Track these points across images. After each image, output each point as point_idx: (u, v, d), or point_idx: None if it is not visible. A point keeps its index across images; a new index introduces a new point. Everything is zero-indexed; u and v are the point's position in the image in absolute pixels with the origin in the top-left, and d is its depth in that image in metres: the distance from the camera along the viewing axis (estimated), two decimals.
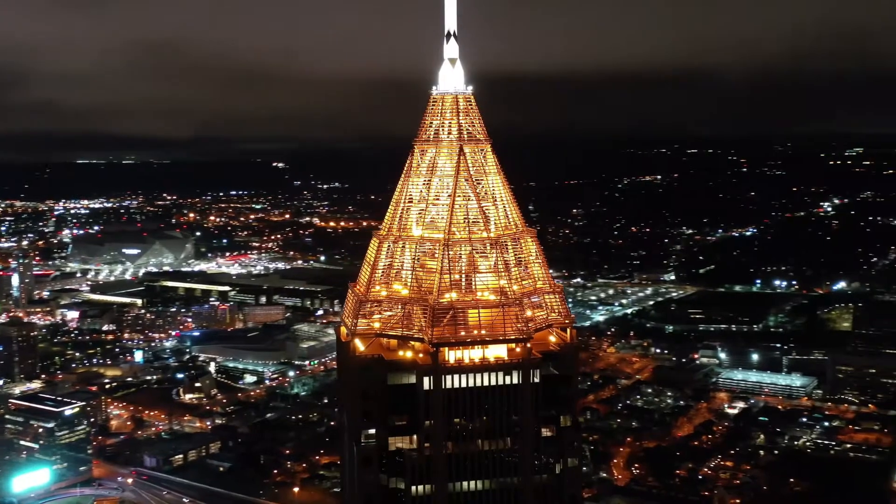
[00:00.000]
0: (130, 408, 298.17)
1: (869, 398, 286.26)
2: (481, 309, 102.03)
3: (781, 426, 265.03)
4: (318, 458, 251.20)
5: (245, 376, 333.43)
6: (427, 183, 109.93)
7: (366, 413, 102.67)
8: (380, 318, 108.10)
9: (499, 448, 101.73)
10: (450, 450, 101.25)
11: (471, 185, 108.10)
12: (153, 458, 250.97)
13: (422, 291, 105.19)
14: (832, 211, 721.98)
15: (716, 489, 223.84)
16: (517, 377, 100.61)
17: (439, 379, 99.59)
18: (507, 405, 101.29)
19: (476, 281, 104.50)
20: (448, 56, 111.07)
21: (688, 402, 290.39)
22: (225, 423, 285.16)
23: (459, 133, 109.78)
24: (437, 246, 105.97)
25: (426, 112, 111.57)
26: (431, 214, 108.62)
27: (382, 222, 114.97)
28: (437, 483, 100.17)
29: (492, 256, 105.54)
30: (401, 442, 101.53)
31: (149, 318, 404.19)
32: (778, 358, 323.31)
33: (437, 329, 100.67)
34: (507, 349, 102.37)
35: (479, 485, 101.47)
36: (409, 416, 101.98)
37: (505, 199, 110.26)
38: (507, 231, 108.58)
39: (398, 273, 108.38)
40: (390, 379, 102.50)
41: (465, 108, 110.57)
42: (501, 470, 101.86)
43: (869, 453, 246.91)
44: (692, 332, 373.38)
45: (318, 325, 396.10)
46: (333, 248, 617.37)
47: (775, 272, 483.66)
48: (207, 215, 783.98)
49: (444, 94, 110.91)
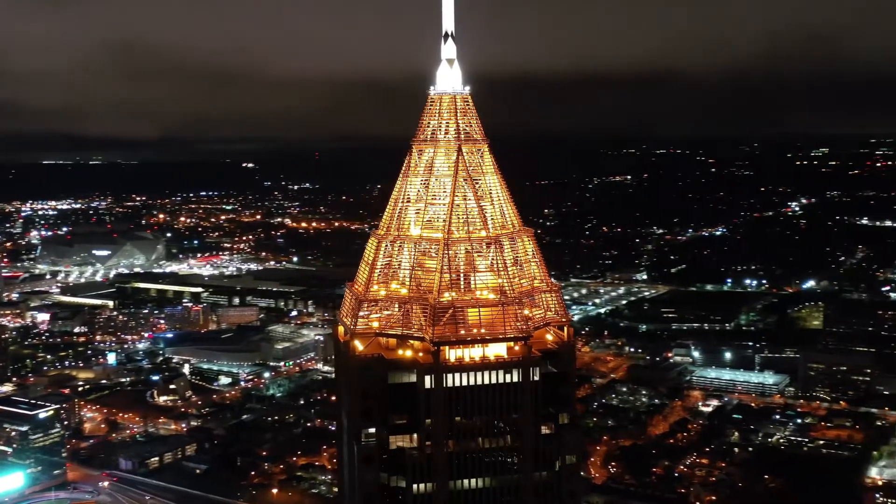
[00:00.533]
0: (104, 410, 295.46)
1: (840, 395, 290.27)
2: (481, 308, 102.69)
3: (755, 424, 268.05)
4: (295, 460, 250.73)
5: (220, 378, 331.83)
6: (425, 182, 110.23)
7: (366, 412, 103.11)
8: (378, 318, 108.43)
9: (499, 446, 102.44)
10: (450, 448, 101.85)
11: (469, 184, 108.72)
12: (128, 461, 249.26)
13: (421, 291, 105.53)
14: (800, 210, 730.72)
15: (692, 486, 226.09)
16: (517, 375, 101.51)
17: (440, 377, 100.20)
18: (508, 403, 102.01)
19: (475, 280, 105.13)
20: (446, 56, 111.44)
21: (662, 400, 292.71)
22: (200, 424, 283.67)
23: (457, 133, 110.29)
24: (436, 245, 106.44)
25: (424, 112, 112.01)
26: (430, 214, 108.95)
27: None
28: (438, 481, 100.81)
29: (490, 255, 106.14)
30: (401, 440, 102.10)
31: (121, 319, 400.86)
32: (750, 356, 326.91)
33: (437, 328, 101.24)
34: (506, 348, 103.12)
35: (480, 482, 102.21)
36: (409, 414, 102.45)
37: (502, 198, 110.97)
38: (505, 230, 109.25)
39: (397, 272, 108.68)
40: (390, 378, 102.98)
41: (462, 108, 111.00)
42: (502, 467, 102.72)
43: (841, 449, 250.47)
44: (665, 331, 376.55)
45: (293, 326, 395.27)
46: (306, 248, 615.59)
47: (745, 271, 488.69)
48: (178, 216, 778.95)
49: (442, 94, 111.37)
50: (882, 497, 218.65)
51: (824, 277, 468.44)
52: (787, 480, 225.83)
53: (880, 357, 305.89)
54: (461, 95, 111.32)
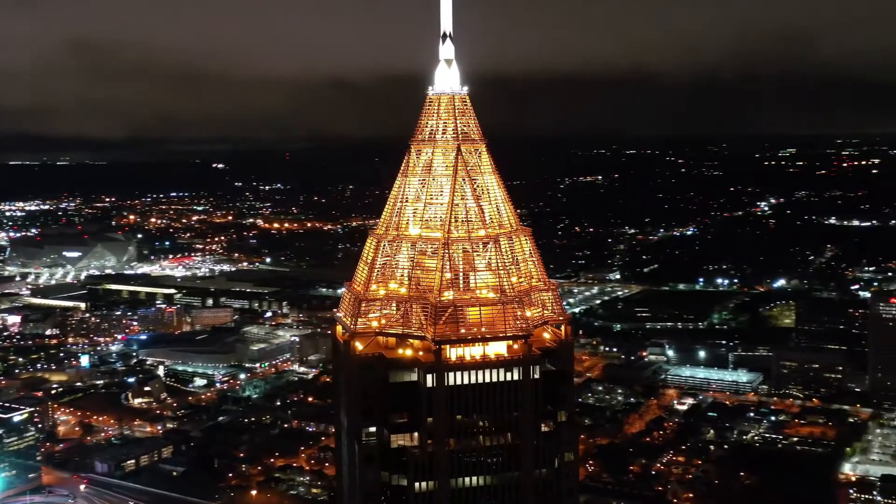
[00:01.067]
0: (78, 413, 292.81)
1: (813, 392, 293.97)
2: (482, 307, 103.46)
3: (730, 421, 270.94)
4: (272, 461, 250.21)
5: (195, 379, 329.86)
6: (423, 182, 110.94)
7: (367, 411, 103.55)
8: (378, 317, 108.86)
9: (499, 444, 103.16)
10: (452, 446, 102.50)
11: (468, 184, 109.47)
12: (104, 464, 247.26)
13: (420, 290, 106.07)
14: (769, 210, 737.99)
15: (669, 484, 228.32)
16: (518, 374, 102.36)
17: (442, 376, 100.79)
18: (508, 401, 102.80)
19: (475, 279, 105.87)
20: (444, 57, 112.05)
21: (638, 399, 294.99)
22: (176, 427, 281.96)
23: (455, 133, 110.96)
24: (435, 245, 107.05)
25: (422, 112, 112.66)
26: (429, 213, 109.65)
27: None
28: (440, 479, 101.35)
29: (490, 255, 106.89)
30: (402, 439, 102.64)
31: (93, 321, 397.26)
32: (724, 354, 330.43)
33: (438, 327, 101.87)
34: (506, 346, 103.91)
35: (481, 480, 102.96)
36: (410, 413, 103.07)
37: (500, 197, 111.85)
38: (503, 229, 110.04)
39: (396, 272, 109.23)
40: (391, 377, 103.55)
41: (461, 109, 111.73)
42: (502, 465, 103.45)
43: (815, 446, 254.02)
44: (639, 330, 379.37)
45: (268, 327, 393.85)
46: (279, 249, 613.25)
47: (717, 271, 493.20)
48: (148, 217, 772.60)
49: (441, 94, 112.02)
50: (856, 492, 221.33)
51: (794, 276, 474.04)
52: (763, 477, 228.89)
53: (851, 355, 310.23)
54: (459, 96, 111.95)
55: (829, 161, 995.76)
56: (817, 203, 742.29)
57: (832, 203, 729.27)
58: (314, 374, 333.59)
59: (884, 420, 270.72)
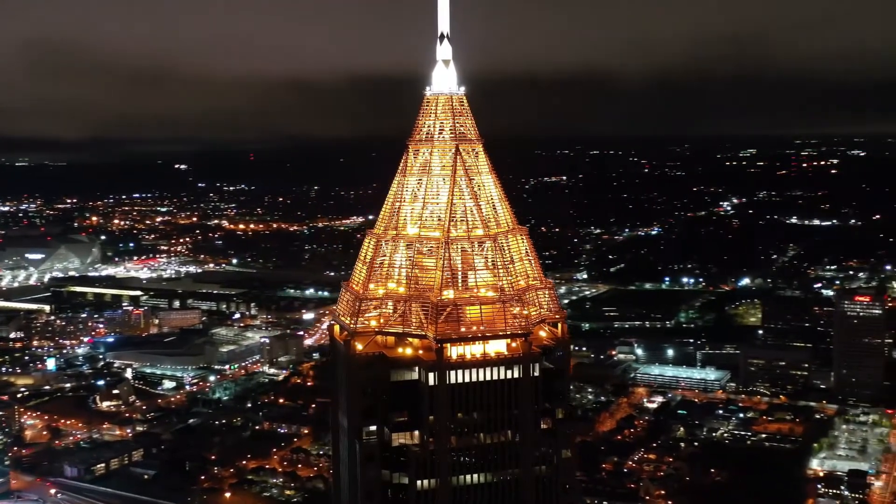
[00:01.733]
0: (45, 417, 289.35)
1: (779, 390, 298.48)
2: (483, 306, 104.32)
3: (699, 419, 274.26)
4: (245, 463, 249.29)
5: (163, 382, 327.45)
6: (421, 182, 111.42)
7: (367, 410, 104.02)
8: (376, 316, 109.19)
9: (500, 441, 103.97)
10: (453, 444, 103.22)
11: (465, 183, 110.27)
12: (74, 468, 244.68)
13: (419, 289, 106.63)
14: (731, 210, 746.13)
15: (641, 481, 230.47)
16: (518, 371, 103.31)
17: (443, 374, 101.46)
18: (508, 399, 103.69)
19: (474, 278, 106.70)
20: (441, 57, 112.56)
21: (608, 397, 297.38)
22: (146, 430, 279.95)
23: (453, 133, 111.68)
24: (434, 244, 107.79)
25: (420, 112, 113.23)
26: (427, 213, 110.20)
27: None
28: (441, 477, 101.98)
29: (488, 254, 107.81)
30: (403, 437, 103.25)
31: (59, 324, 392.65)
32: (692, 353, 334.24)
33: (440, 325, 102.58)
34: (505, 344, 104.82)
35: (481, 478, 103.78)
36: (411, 411, 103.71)
37: (497, 197, 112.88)
38: (501, 228, 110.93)
39: (395, 271, 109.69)
40: (392, 376, 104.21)
41: (458, 109, 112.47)
42: (502, 463, 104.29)
43: (783, 442, 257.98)
44: (608, 330, 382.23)
45: (237, 328, 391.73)
46: (245, 250, 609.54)
47: (682, 270, 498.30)
48: (111, 218, 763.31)
49: (439, 94, 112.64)
50: (824, 487, 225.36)
51: (758, 275, 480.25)
52: (733, 473, 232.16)
53: (816, 352, 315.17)
54: (457, 96, 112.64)
55: (789, 161, 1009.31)
56: (779, 203, 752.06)
57: (793, 203, 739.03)
58: (284, 375, 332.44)
59: (849, 416, 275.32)
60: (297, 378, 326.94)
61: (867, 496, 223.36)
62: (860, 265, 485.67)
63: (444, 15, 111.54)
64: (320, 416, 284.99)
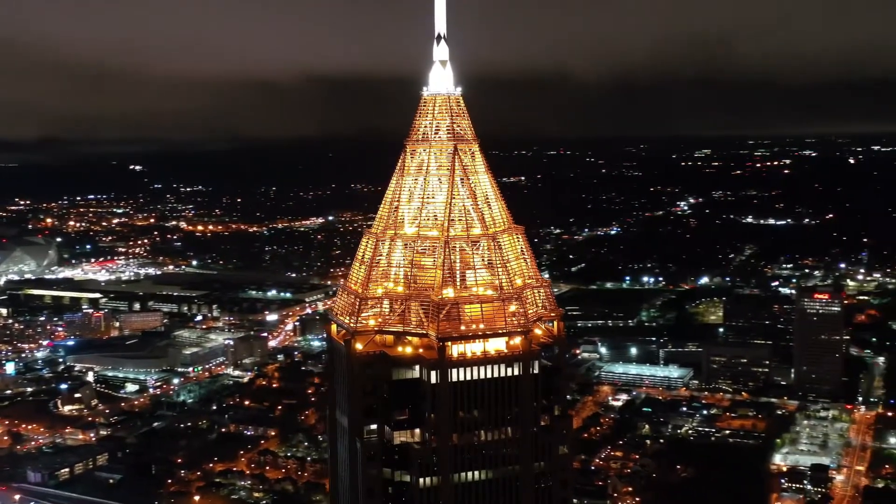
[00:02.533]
0: (6, 422, 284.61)
1: (741, 386, 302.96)
2: (483, 304, 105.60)
3: (664, 416, 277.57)
4: (212, 466, 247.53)
5: (126, 385, 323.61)
6: (419, 182, 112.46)
7: (368, 409, 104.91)
8: (374, 315, 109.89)
9: (500, 438, 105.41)
10: (455, 442, 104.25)
11: (463, 183, 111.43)
12: (37, 473, 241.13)
13: (418, 288, 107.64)
14: (688, 210, 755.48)
15: (609, 478, 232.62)
16: (518, 369, 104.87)
17: (445, 372, 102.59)
18: (509, 396, 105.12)
19: (475, 276, 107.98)
20: (438, 58, 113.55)
21: (574, 396, 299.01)
22: (110, 434, 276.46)
23: (449, 133, 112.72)
24: (432, 243, 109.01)
25: (417, 113, 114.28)
26: (425, 212, 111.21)
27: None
28: (443, 475, 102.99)
29: (486, 252, 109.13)
30: (404, 436, 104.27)
31: (17, 327, 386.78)
32: (655, 351, 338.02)
33: (441, 324, 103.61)
34: (505, 342, 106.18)
35: (482, 475, 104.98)
36: (413, 409, 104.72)
37: (493, 196, 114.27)
38: (498, 227, 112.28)
39: (393, 270, 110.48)
40: (394, 374, 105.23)
41: (455, 109, 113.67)
42: (503, 459, 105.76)
43: (746, 438, 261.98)
44: (571, 329, 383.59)
45: (199, 330, 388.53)
46: (204, 252, 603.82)
47: (642, 269, 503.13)
48: (66, 220, 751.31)
49: (436, 95, 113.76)
50: (787, 482, 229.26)
51: (717, 274, 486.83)
52: (698, 469, 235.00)
53: (776, 349, 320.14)
54: (454, 96, 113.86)
55: (744, 162, 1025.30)
56: (734, 202, 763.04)
57: (748, 202, 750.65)
58: (249, 377, 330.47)
59: (810, 412, 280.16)
60: (263, 380, 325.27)
61: (829, 490, 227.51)
62: (816, 263, 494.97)
63: (441, 16, 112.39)
64: (287, 417, 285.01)
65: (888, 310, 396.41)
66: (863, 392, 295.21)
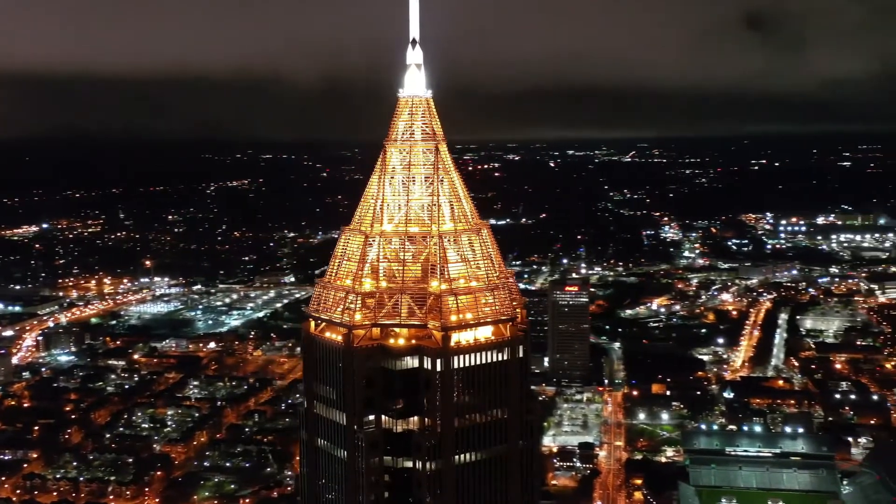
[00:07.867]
0: None
1: None
2: (476, 294, 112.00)
3: None
4: None
5: None
6: (396, 180, 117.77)
7: (368, 400, 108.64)
8: (361, 309, 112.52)
9: (492, 419, 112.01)
10: (455, 426, 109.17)
11: (437, 181, 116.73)
12: None
13: (408, 282, 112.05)
14: None
15: None
16: (507, 353, 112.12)
17: (449, 360, 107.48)
18: (500, 379, 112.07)
19: (463, 269, 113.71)
20: (413, 62, 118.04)
21: None
22: None
23: (423, 133, 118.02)
24: (415, 238, 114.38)
25: (394, 114, 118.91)
26: (405, 210, 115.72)
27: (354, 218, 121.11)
28: (445, 459, 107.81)
29: (466, 246, 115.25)
30: (405, 424, 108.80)
31: None
32: None
33: (444, 314, 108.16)
34: (491, 329, 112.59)
35: (475, 456, 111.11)
36: (413, 398, 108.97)
37: (464, 194, 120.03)
38: (470, 224, 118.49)
39: (382, 266, 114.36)
40: (393, 365, 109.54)
41: (428, 111, 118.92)
42: (493, 439, 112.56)
43: None
44: None
45: None
46: None
47: None
48: None
49: (411, 97, 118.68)
50: (559, 461, 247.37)
51: None
52: None
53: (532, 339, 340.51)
54: (426, 98, 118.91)
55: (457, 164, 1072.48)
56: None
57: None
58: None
59: (567, 395, 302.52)
60: (11, 400, 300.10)
61: (596, 464, 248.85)
62: (541, 260, 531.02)
63: (415, 21, 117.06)
64: (47, 437, 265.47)
65: (613, 300, 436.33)
66: (607, 375, 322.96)
